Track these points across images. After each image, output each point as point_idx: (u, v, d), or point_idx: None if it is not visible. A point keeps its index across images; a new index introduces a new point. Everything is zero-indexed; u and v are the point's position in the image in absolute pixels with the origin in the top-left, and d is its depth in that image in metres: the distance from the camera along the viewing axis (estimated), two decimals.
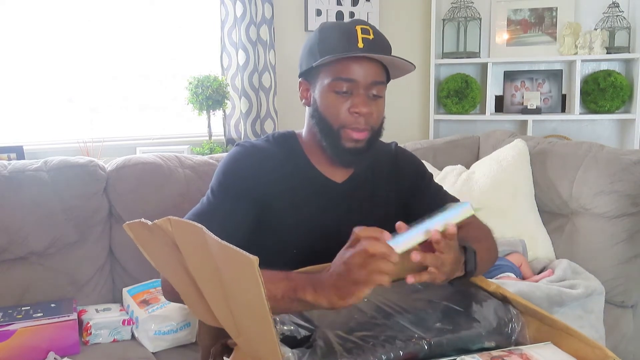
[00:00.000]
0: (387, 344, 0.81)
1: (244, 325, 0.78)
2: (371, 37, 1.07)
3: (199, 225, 0.72)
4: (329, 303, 0.82)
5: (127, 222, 0.87)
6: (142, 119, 2.33)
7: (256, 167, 1.12)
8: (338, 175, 1.17)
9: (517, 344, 0.90)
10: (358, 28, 1.07)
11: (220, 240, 0.68)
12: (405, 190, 1.23)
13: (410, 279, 0.84)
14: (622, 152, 1.83)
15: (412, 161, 1.28)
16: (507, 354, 0.83)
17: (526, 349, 0.85)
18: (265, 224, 1.11)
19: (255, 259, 0.64)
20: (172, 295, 1.04)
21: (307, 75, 1.14)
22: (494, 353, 0.83)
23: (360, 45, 1.06)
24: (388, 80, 1.14)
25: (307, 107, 1.16)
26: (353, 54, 1.05)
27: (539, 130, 2.82)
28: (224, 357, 1.07)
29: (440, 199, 1.24)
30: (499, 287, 1.00)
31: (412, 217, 1.22)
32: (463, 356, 0.81)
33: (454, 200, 1.25)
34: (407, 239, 0.84)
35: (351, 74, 1.06)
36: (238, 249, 0.66)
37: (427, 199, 1.23)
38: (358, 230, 0.83)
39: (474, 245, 1.00)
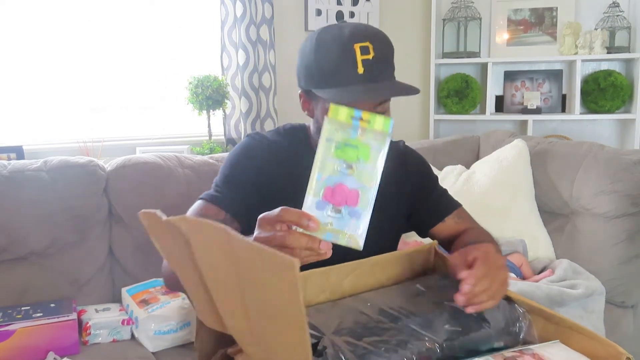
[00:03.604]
0: (400, 349, 0.80)
1: (265, 335, 0.74)
2: (371, 55, 0.99)
3: (222, 226, 0.66)
4: None
5: (144, 210, 0.85)
6: (142, 119, 2.33)
7: (259, 157, 1.12)
8: None
9: (525, 342, 0.90)
10: (357, 47, 0.99)
11: (251, 241, 0.63)
12: (411, 188, 1.22)
13: (470, 309, 0.84)
14: (622, 152, 1.83)
15: (420, 161, 1.27)
16: (518, 354, 0.82)
17: (536, 349, 0.84)
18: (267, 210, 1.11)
19: (296, 261, 0.59)
20: (172, 283, 1.05)
21: (307, 92, 1.10)
22: (506, 354, 0.82)
23: (360, 70, 0.99)
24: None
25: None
26: (354, 99, 0.98)
27: (539, 130, 2.82)
28: None
29: (443, 203, 1.24)
30: None
31: (414, 217, 1.24)
32: (475, 358, 0.80)
33: (456, 205, 1.25)
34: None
35: (353, 102, 0.98)
36: (275, 250, 0.61)
37: (431, 201, 1.23)
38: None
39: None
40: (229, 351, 1.02)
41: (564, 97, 2.84)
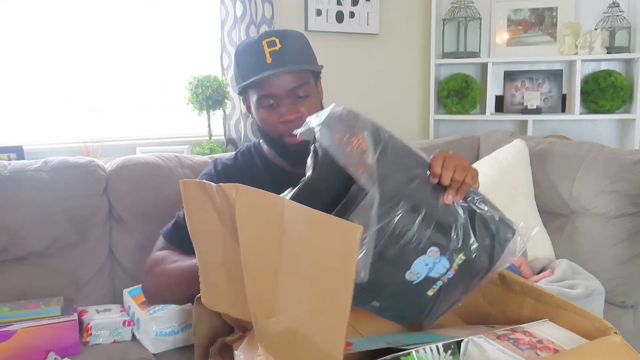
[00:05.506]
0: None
1: (299, 300, 0.75)
2: (277, 47, 1.14)
3: (279, 196, 0.74)
4: None
5: (185, 179, 0.91)
6: (142, 119, 2.33)
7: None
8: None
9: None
10: (264, 43, 1.15)
11: (311, 209, 0.68)
12: None
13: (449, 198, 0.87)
14: (622, 152, 1.83)
15: None
16: (510, 332, 0.84)
17: (527, 327, 0.86)
18: None
19: (360, 228, 0.64)
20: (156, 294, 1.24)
21: (243, 93, 1.26)
22: (498, 331, 0.84)
23: (269, 60, 1.14)
24: (317, 71, 1.23)
25: None
26: (260, 77, 1.14)
27: (539, 130, 2.82)
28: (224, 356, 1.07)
29: None
30: None
31: None
32: (471, 336, 0.82)
33: None
34: None
35: (270, 89, 1.16)
36: (338, 218, 0.67)
37: None
38: None
39: None
40: (227, 339, 1.03)
41: (564, 97, 2.84)
